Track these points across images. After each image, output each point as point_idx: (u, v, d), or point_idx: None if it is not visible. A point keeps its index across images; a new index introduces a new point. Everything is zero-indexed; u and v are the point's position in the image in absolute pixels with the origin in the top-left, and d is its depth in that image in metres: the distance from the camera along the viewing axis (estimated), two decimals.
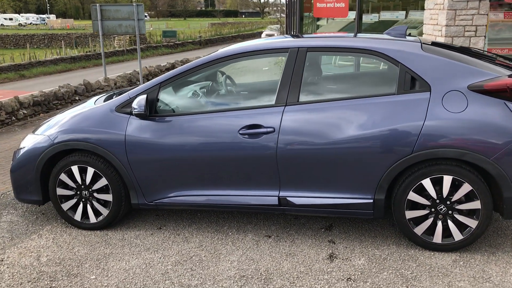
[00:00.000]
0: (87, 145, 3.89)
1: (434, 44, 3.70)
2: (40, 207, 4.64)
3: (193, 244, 3.78)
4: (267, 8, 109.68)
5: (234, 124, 3.65)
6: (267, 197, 3.70)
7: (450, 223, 3.47)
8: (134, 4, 13.80)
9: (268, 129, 3.57)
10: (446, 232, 3.49)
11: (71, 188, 4.06)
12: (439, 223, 3.48)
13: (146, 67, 16.03)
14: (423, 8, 10.79)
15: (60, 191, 4.06)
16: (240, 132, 3.62)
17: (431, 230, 3.51)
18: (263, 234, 3.91)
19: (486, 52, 3.74)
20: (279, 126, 3.56)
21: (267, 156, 3.60)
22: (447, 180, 3.39)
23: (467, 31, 7.49)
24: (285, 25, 19.50)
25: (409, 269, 3.32)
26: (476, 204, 3.39)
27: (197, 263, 3.49)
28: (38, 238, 3.99)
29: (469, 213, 3.45)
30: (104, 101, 4.24)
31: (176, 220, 4.23)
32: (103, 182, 3.96)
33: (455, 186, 3.41)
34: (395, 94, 3.46)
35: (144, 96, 3.74)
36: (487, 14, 7.53)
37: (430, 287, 3.11)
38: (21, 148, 4.20)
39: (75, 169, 3.98)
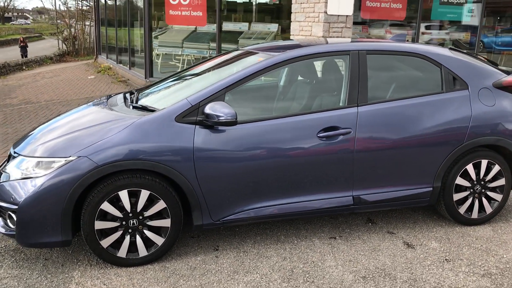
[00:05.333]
0: (146, 164, 3.25)
1: (452, 49, 4.29)
2: (29, 251, 3.59)
3: (275, 258, 3.54)
4: (9, 13, 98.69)
5: (312, 127, 3.57)
6: (342, 198, 3.73)
7: (483, 199, 4.10)
8: None
9: (347, 130, 3.62)
10: (481, 208, 4.12)
11: (114, 219, 3.31)
12: (476, 201, 4.09)
13: None
14: (262, 21, 11.68)
15: (99, 225, 3.27)
16: (319, 135, 3.57)
17: (470, 208, 4.09)
18: (326, 237, 3.90)
19: (479, 56, 4.52)
20: (355, 126, 3.64)
21: (345, 157, 3.64)
22: (484, 163, 4.02)
23: None
24: (95, 34, 18.24)
25: (476, 243, 3.83)
26: (502, 181, 4.11)
27: (306, 275, 3.32)
28: None
29: (495, 189, 4.14)
30: (128, 105, 3.64)
31: (224, 239, 3.84)
32: (160, 205, 3.36)
33: (487, 168, 4.05)
34: (444, 92, 3.93)
35: (222, 102, 3.35)
36: (351, 28, 8.72)
37: (505, 253, 3.66)
38: (23, 179, 3.22)
39: (123, 194, 3.27)
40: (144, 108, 3.63)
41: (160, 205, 3.35)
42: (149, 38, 10.76)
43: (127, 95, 4.17)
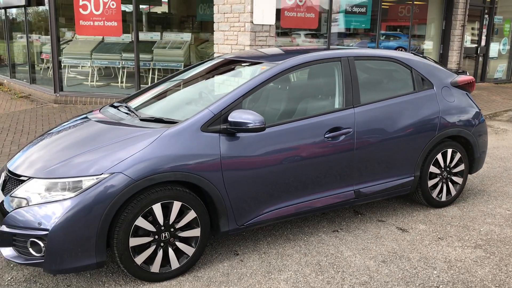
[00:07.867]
0: (178, 175, 3.25)
1: (413, 53, 4.83)
2: (45, 281, 3.35)
3: (297, 255, 3.73)
4: None
5: (320, 129, 3.83)
6: (346, 193, 4.04)
7: (450, 184, 4.71)
8: None
9: (348, 130, 3.94)
10: (448, 191, 4.71)
11: (147, 234, 3.26)
12: (444, 186, 4.67)
13: None
14: (173, 30, 11.71)
15: (134, 241, 3.20)
16: (326, 136, 3.85)
17: (440, 192, 4.66)
18: (329, 231, 4.17)
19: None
20: (354, 125, 3.99)
21: (348, 155, 3.96)
22: (449, 152, 4.61)
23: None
24: None
25: (453, 221, 4.38)
26: (462, 166, 4.74)
27: (334, 266, 3.56)
28: None
29: (456, 174, 4.76)
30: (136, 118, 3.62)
31: (237, 244, 3.93)
32: (190, 216, 3.37)
33: (451, 156, 4.65)
34: (417, 91, 4.44)
35: (245, 109, 3.46)
36: (275, 36, 9.16)
37: (482, 226, 4.26)
38: (48, 202, 3.04)
39: (157, 207, 3.24)
40: (159, 120, 3.59)
41: (191, 215, 3.37)
42: (57, 50, 10.17)
43: (121, 108, 4.06)
